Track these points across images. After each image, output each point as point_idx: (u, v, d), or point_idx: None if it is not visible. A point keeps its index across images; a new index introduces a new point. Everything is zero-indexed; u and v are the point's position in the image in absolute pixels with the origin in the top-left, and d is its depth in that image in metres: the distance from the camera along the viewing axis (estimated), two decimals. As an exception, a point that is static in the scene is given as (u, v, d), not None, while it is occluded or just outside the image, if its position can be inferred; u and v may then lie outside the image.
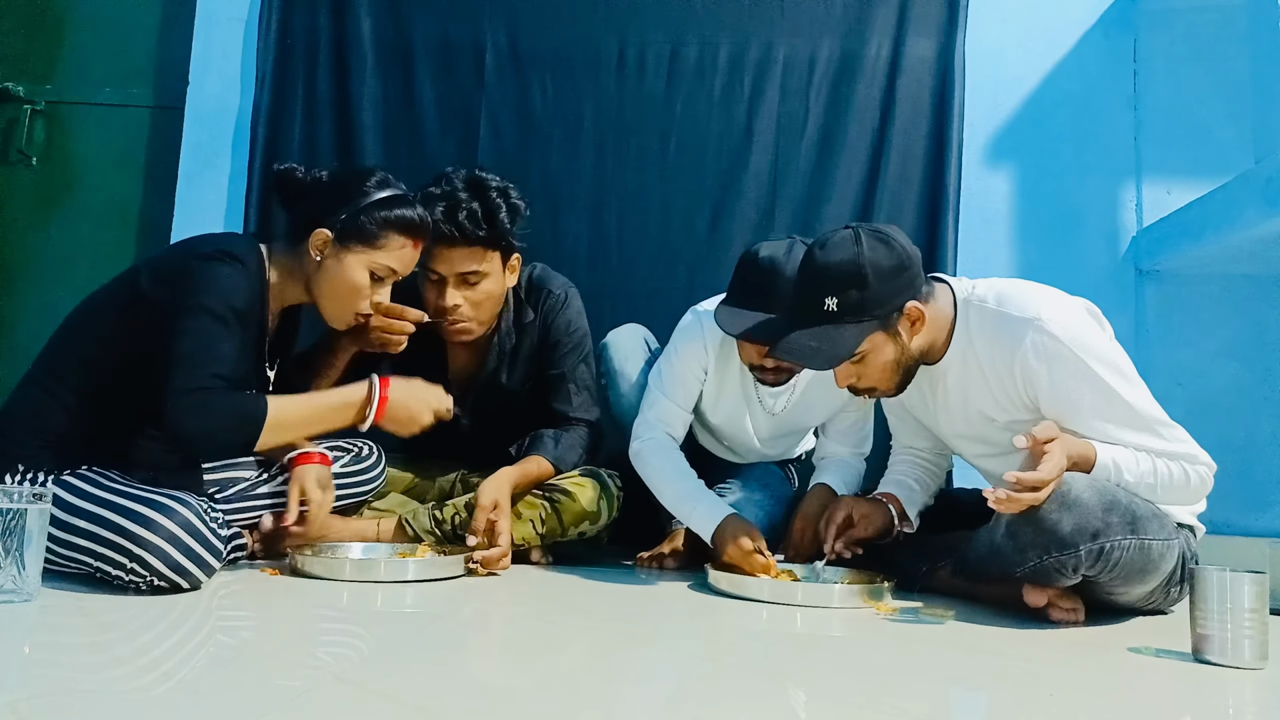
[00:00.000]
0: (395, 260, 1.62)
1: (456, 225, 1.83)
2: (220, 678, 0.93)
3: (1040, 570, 1.42)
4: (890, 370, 1.60)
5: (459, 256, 1.87)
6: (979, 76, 2.82)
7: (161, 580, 1.32)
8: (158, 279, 1.48)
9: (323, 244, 1.59)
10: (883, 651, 1.28)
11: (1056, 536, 1.38)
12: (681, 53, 2.87)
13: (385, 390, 1.56)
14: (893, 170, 2.79)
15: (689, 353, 1.99)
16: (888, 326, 1.56)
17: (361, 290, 1.61)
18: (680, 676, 1.07)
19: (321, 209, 1.60)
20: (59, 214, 3.05)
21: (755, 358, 1.86)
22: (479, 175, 1.89)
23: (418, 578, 1.61)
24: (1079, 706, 1.00)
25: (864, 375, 1.61)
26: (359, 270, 1.60)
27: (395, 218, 1.61)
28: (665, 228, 2.81)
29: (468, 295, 1.91)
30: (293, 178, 1.65)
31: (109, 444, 1.49)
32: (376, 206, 1.60)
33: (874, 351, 1.57)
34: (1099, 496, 1.39)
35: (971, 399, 1.64)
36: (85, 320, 1.53)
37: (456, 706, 0.86)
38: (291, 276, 1.62)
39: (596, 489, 1.96)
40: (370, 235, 1.59)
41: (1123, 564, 1.40)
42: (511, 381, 2.09)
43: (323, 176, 1.65)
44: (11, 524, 1.21)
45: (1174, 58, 2.79)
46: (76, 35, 3.12)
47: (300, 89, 2.89)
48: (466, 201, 1.84)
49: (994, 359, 1.57)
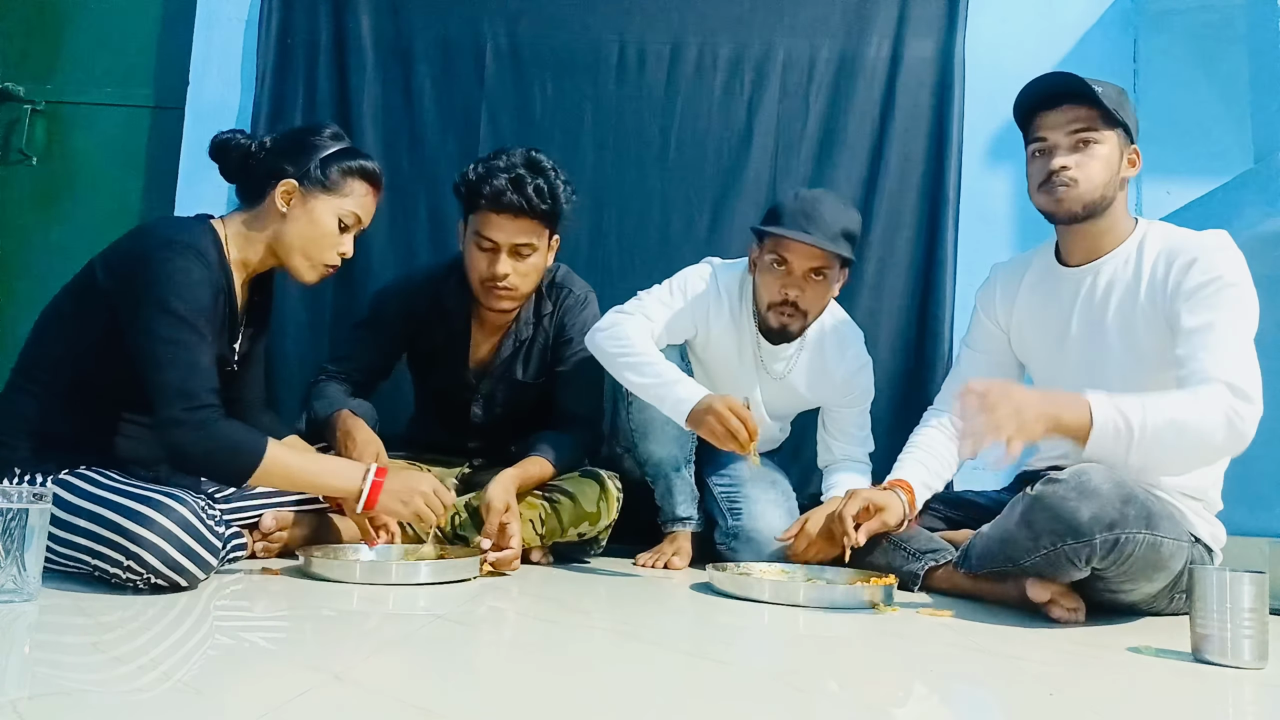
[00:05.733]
0: (359, 207, 1.65)
1: (525, 197, 1.88)
2: (220, 678, 0.93)
3: (1051, 559, 1.42)
4: (1103, 178, 1.62)
5: (519, 228, 1.91)
6: (979, 76, 2.82)
7: (159, 578, 1.32)
8: (109, 270, 1.48)
9: (289, 193, 1.60)
10: (883, 652, 1.28)
11: (1073, 524, 1.38)
12: (681, 53, 2.87)
13: (381, 478, 1.56)
14: (893, 170, 2.80)
15: (698, 290, 2.03)
16: (1124, 142, 1.64)
17: (330, 237, 1.62)
18: (680, 676, 1.07)
19: (282, 162, 1.61)
20: (59, 214, 3.05)
21: (778, 293, 1.92)
22: (536, 155, 1.94)
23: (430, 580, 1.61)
24: (1079, 706, 1.00)
25: (1083, 167, 1.61)
26: (328, 216, 1.61)
27: (356, 167, 1.64)
28: (665, 228, 2.82)
29: (517, 266, 1.95)
30: (235, 143, 1.64)
31: (100, 440, 1.50)
32: (337, 156, 1.63)
33: (1105, 145, 1.62)
34: (1117, 489, 1.39)
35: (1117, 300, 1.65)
36: (51, 320, 1.53)
37: (457, 706, 0.86)
38: (253, 243, 1.62)
39: (597, 490, 1.97)
40: (335, 183, 1.62)
41: (1134, 559, 1.39)
42: (525, 374, 2.11)
43: (266, 141, 1.65)
44: (12, 524, 1.21)
45: (1174, 58, 2.79)
46: (77, 35, 3.12)
47: (300, 89, 2.90)
48: (531, 177, 1.89)
49: (1167, 262, 1.59)
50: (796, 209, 1.89)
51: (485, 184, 1.89)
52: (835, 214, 1.90)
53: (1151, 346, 1.61)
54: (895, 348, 2.77)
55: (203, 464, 1.46)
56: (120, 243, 1.54)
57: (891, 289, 2.78)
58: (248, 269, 1.64)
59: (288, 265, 1.64)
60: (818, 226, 1.87)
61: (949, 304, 2.71)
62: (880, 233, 2.78)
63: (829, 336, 2.09)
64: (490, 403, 2.14)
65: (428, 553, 1.78)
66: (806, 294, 1.93)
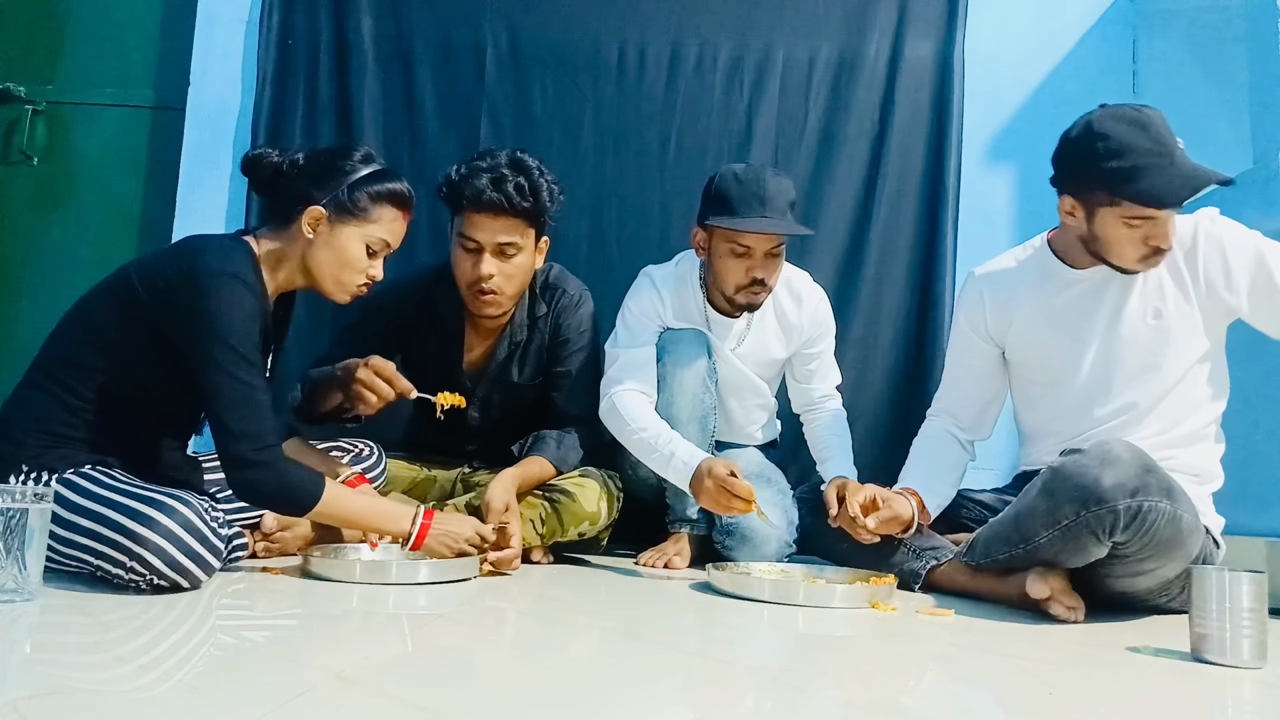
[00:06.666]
0: (388, 232, 1.65)
1: (504, 194, 1.88)
2: (221, 678, 0.93)
3: (1071, 532, 1.42)
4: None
5: (500, 226, 1.91)
6: (978, 77, 2.83)
7: (161, 579, 1.32)
8: (155, 291, 1.47)
9: (316, 221, 1.60)
10: (883, 651, 1.28)
11: (1095, 491, 1.38)
12: (681, 53, 2.88)
13: (429, 519, 1.63)
14: (892, 170, 2.80)
15: (643, 303, 2.08)
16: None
17: (358, 264, 1.63)
18: (681, 676, 1.08)
19: (311, 187, 1.61)
20: (60, 214, 3.06)
21: (743, 276, 1.96)
22: (520, 155, 1.94)
23: (430, 580, 1.61)
24: (1078, 706, 1.00)
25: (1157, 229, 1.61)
26: (355, 244, 1.62)
27: (386, 191, 1.64)
28: (665, 228, 2.82)
29: (502, 267, 1.95)
30: (267, 161, 1.64)
31: (110, 443, 1.50)
32: (366, 181, 1.62)
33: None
34: (1137, 457, 1.40)
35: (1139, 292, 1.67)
36: (80, 322, 1.53)
37: (457, 706, 0.86)
38: (282, 263, 1.62)
39: (596, 490, 1.97)
40: (363, 210, 1.61)
41: (1156, 530, 1.38)
42: (521, 376, 2.11)
43: (299, 159, 1.64)
44: (13, 523, 1.21)
45: (1173, 58, 2.79)
46: (78, 36, 3.12)
47: (301, 89, 2.90)
48: (512, 176, 1.89)
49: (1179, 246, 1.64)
50: (746, 193, 1.91)
51: (467, 184, 1.89)
52: (779, 188, 1.92)
53: (1180, 329, 1.63)
54: (895, 347, 2.77)
55: (268, 500, 1.55)
56: (162, 261, 1.52)
57: (891, 289, 2.78)
58: (277, 289, 1.65)
59: (319, 288, 1.65)
60: (772, 207, 1.90)
61: (949, 304, 2.71)
62: (880, 233, 2.79)
63: (776, 289, 2.11)
64: (487, 405, 2.13)
65: None
66: (770, 270, 1.98)
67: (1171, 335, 1.64)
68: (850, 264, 2.79)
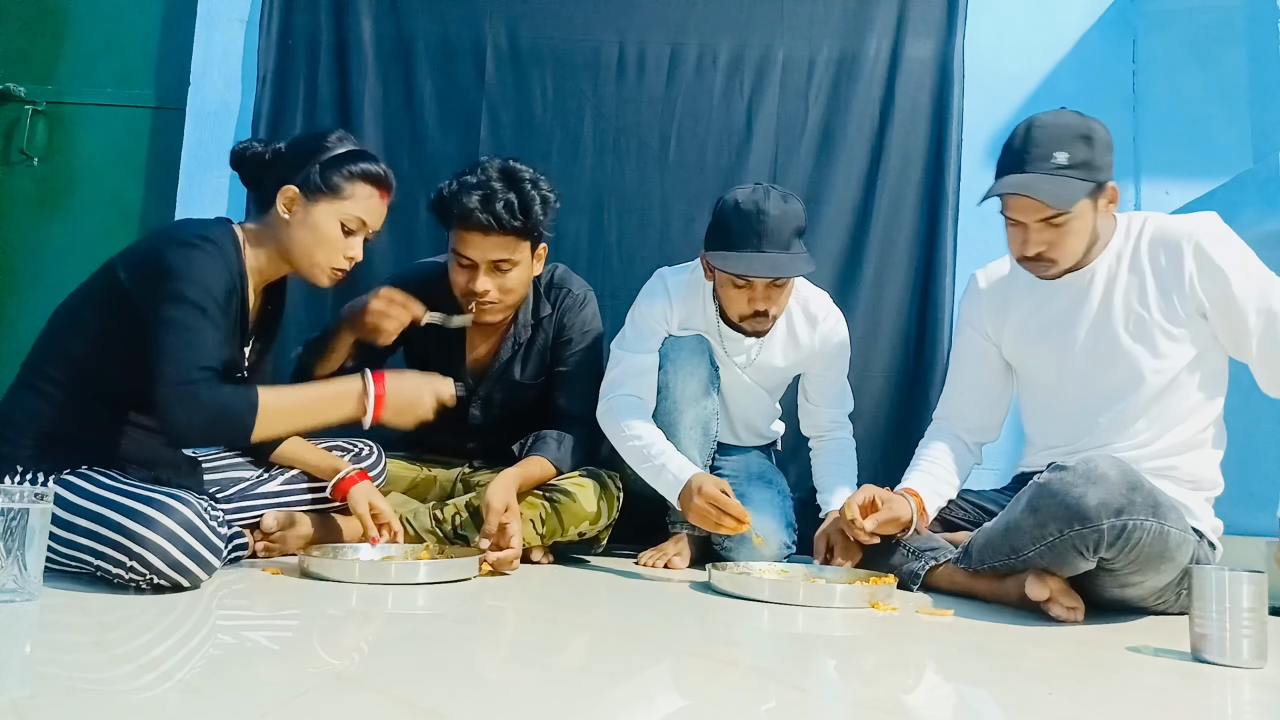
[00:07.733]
0: (363, 210, 1.63)
1: (494, 215, 1.85)
2: (221, 677, 0.93)
3: (1057, 549, 1.42)
4: (1079, 241, 1.65)
5: (492, 245, 1.89)
6: (978, 77, 2.83)
7: (162, 579, 1.32)
8: (132, 269, 1.47)
9: (290, 200, 1.59)
10: (883, 651, 1.28)
11: (1080, 509, 1.38)
12: (681, 53, 2.88)
13: (380, 385, 1.54)
14: (892, 170, 2.80)
15: (654, 307, 2.04)
16: (1095, 195, 1.62)
17: (334, 242, 1.62)
18: (680, 676, 1.08)
19: (287, 170, 1.61)
20: (60, 214, 3.06)
21: (746, 306, 1.92)
22: (512, 166, 1.92)
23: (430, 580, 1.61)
24: (1078, 706, 1.00)
25: (1057, 242, 1.64)
26: (329, 222, 1.60)
27: (360, 170, 1.63)
28: (665, 228, 2.82)
29: (498, 282, 1.94)
30: (251, 152, 1.64)
31: (105, 441, 1.50)
32: (340, 160, 1.62)
33: (1077, 217, 1.62)
34: (1124, 476, 1.40)
35: (1121, 299, 1.67)
36: (66, 318, 1.53)
37: (457, 706, 0.86)
38: (264, 250, 1.62)
39: (597, 489, 1.97)
40: (336, 187, 1.60)
41: (1142, 547, 1.38)
42: (523, 375, 2.11)
43: (281, 147, 1.65)
44: (13, 524, 1.21)
45: (1173, 58, 2.79)
46: (78, 35, 3.12)
47: (301, 89, 2.90)
48: (502, 192, 1.86)
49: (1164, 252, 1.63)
50: (745, 227, 1.84)
51: (456, 201, 1.87)
52: (782, 220, 1.84)
53: (1163, 337, 1.63)
54: (895, 347, 2.77)
55: (199, 434, 1.45)
56: (143, 242, 1.53)
57: (891, 289, 2.79)
58: (261, 276, 1.64)
59: (298, 271, 1.64)
60: (772, 241, 1.83)
61: (949, 304, 2.71)
62: (880, 233, 2.79)
63: (792, 309, 2.08)
64: (489, 404, 2.13)
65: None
66: (774, 300, 1.93)
67: (1156, 343, 1.64)
68: (850, 264, 2.80)
